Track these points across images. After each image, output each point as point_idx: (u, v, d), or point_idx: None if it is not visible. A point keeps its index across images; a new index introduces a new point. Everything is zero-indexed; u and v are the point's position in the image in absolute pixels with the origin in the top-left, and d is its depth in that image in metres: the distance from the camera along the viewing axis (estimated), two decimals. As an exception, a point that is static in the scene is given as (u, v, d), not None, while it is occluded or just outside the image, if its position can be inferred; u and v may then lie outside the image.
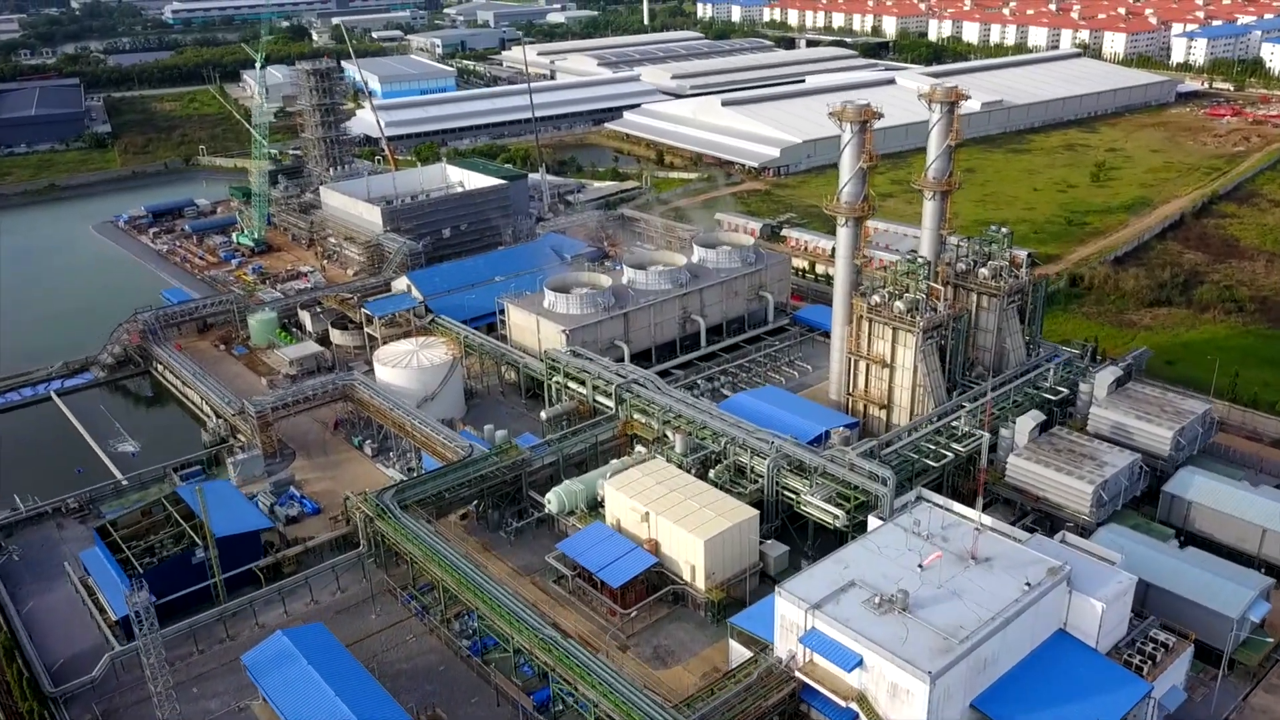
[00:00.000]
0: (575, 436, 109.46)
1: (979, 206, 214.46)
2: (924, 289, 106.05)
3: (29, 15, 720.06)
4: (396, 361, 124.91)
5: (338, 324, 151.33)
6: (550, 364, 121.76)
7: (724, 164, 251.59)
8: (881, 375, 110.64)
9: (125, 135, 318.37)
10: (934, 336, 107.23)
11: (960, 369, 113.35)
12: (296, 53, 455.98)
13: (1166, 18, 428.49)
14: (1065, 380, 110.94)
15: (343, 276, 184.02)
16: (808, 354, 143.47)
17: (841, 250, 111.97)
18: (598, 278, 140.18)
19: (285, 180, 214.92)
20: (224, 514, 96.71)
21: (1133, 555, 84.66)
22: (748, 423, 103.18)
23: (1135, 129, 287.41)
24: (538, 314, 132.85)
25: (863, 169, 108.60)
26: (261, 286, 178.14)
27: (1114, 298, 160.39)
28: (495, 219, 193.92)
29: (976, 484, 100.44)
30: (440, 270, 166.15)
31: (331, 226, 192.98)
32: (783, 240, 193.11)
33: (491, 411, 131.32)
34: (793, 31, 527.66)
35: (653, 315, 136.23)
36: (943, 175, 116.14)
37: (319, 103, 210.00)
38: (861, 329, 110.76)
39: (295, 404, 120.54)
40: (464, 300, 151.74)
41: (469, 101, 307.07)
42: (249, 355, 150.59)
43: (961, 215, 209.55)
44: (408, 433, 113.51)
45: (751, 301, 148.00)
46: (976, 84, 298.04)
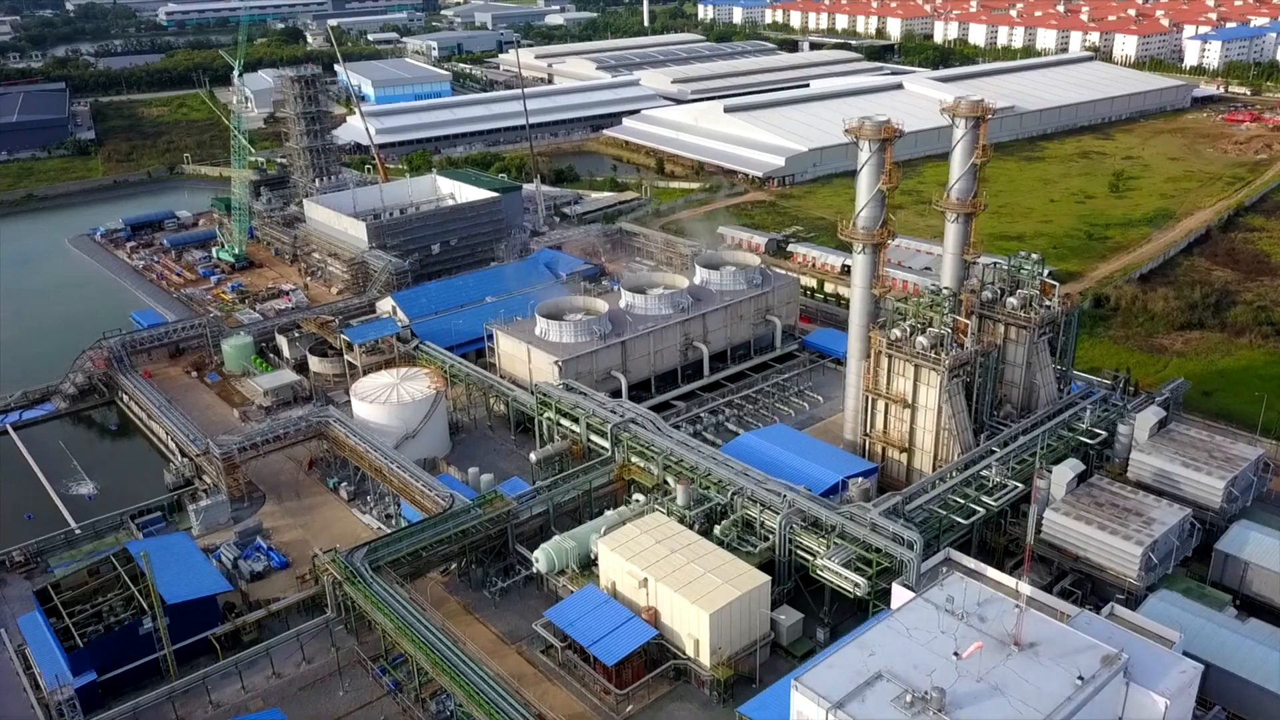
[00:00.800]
0: (567, 483, 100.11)
1: (994, 219, 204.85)
2: (949, 323, 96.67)
3: (22, 17, 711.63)
4: (375, 396, 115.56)
5: (316, 350, 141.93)
6: (541, 399, 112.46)
7: (727, 173, 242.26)
8: (902, 416, 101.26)
9: (110, 142, 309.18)
10: (960, 375, 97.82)
11: (988, 409, 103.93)
12: (289, 56, 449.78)
13: (1178, 19, 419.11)
14: (1102, 421, 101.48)
15: (327, 295, 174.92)
16: (818, 383, 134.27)
17: (858, 279, 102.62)
18: (593, 302, 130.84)
19: (268, 192, 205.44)
20: (177, 576, 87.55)
21: (1190, 630, 75.32)
22: (756, 470, 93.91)
23: (1151, 135, 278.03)
24: (528, 342, 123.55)
25: (882, 191, 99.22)
26: (240, 306, 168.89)
27: (1142, 320, 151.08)
28: (487, 234, 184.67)
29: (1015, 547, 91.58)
30: (427, 290, 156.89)
31: (315, 242, 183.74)
32: (789, 256, 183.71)
33: (478, 448, 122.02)
34: (795, 34, 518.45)
35: (652, 343, 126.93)
36: (967, 196, 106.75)
37: (303, 110, 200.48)
38: (880, 365, 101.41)
39: (265, 444, 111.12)
40: (451, 324, 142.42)
41: (463, 108, 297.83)
42: (222, 383, 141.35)
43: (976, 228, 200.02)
44: (385, 478, 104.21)
45: (758, 326, 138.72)
46: (987, 88, 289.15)
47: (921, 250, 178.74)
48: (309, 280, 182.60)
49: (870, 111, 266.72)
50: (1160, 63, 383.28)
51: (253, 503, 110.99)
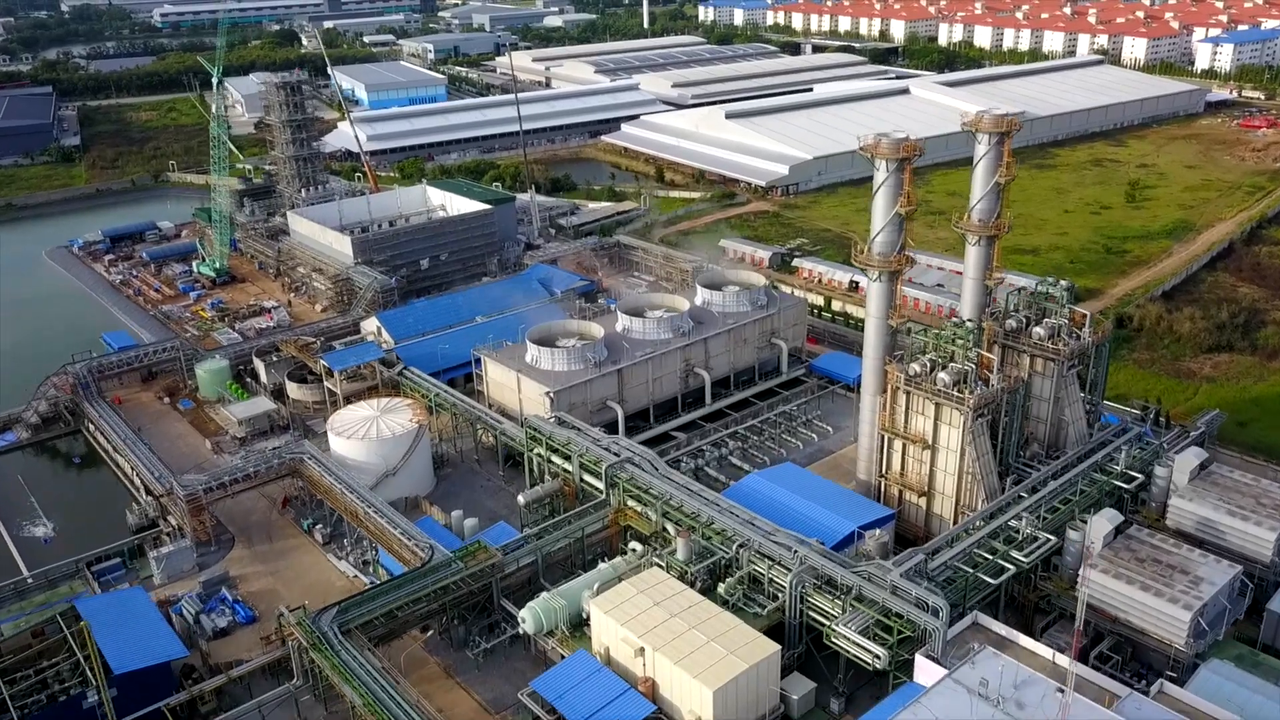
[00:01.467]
0: (558, 530, 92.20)
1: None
2: (973, 358, 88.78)
3: (16, 19, 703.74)
4: (353, 431, 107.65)
5: (295, 375, 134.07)
6: (531, 434, 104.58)
7: (728, 181, 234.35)
8: (921, 457, 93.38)
9: (95, 148, 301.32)
10: (985, 414, 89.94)
11: (1013, 449, 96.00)
12: (282, 59, 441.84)
13: (1187, 21, 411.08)
14: (1138, 462, 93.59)
15: (311, 313, 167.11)
16: (827, 411, 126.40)
17: (873, 308, 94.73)
18: (588, 327, 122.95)
19: (251, 203, 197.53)
20: (129, 639, 79.78)
21: (1249, 710, 67.69)
22: (763, 519, 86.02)
23: (1165, 142, 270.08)
24: (518, 370, 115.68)
25: (900, 215, 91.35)
26: (219, 325, 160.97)
27: (1168, 342, 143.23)
28: (479, 248, 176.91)
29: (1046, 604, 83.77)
30: (414, 310, 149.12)
31: (299, 256, 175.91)
32: (794, 271, 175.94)
33: (464, 484, 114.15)
34: (797, 36, 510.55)
35: (650, 370, 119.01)
36: (990, 217, 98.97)
37: (289, 118, 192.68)
38: (897, 402, 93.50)
39: (234, 483, 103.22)
40: (438, 347, 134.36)
41: (457, 113, 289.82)
42: (196, 410, 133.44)
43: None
44: (361, 523, 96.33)
45: (763, 349, 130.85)
46: (995, 93, 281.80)
47: (934, 265, 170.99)
48: (293, 297, 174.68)
49: (877, 117, 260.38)
50: (1170, 66, 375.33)
51: (220, 546, 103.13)
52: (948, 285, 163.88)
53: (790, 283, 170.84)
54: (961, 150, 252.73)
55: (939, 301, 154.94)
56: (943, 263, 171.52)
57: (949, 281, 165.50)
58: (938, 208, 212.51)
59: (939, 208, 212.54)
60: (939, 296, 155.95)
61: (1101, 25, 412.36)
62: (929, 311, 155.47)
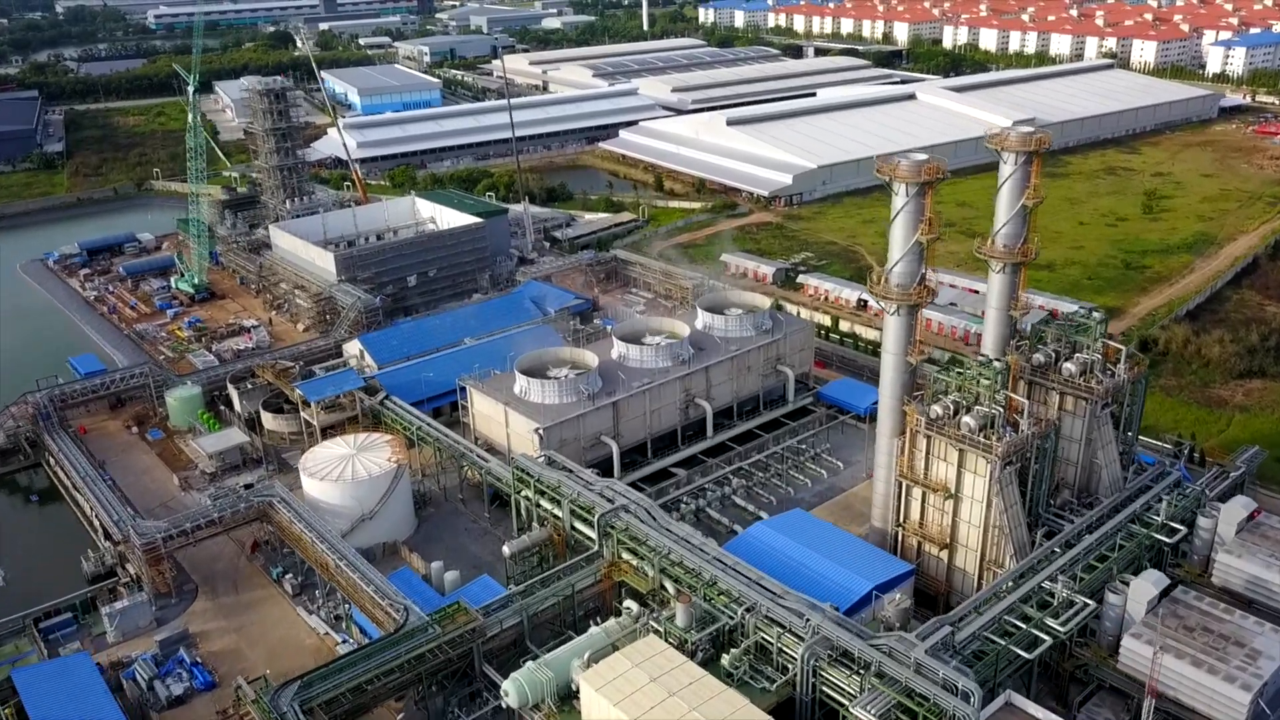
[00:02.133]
0: (546, 586, 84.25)
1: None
2: (1001, 401, 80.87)
3: (10, 20, 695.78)
4: (326, 472, 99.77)
5: (271, 404, 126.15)
6: (518, 475, 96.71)
7: (729, 191, 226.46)
8: (943, 507, 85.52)
9: (79, 154, 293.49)
10: (1014, 462, 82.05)
11: (1043, 498, 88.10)
12: (274, 61, 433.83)
13: (1197, 24, 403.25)
14: (1179, 512, 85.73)
15: (292, 333, 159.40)
16: (837, 443, 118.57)
17: (890, 344, 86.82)
18: (581, 355, 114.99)
19: (231, 215, 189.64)
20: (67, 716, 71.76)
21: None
22: (771, 580, 78.05)
23: (1180, 149, 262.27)
24: (506, 403, 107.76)
25: (920, 244, 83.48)
26: (194, 346, 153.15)
27: (1196, 367, 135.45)
28: (469, 263, 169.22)
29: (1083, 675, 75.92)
30: (399, 331, 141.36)
31: (281, 272, 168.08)
32: (799, 288, 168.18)
33: (447, 527, 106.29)
34: (799, 38, 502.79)
35: (648, 401, 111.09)
36: (1015, 242, 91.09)
37: (273, 126, 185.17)
38: (917, 446, 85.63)
39: (197, 530, 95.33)
40: (423, 374, 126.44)
41: (450, 119, 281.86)
42: (165, 441, 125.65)
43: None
44: (332, 576, 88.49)
45: (768, 377, 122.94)
46: (1003, 99, 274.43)
47: (946, 283, 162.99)
48: (274, 315, 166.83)
49: (883, 124, 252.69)
50: (1181, 69, 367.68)
51: (182, 598, 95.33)
52: (961, 304, 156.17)
53: (795, 300, 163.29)
54: (971, 158, 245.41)
55: (953, 322, 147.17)
56: (955, 280, 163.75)
57: (963, 300, 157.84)
58: (948, 219, 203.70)
59: (949, 219, 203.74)
60: (953, 317, 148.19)
61: (1109, 28, 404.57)
62: (942, 333, 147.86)
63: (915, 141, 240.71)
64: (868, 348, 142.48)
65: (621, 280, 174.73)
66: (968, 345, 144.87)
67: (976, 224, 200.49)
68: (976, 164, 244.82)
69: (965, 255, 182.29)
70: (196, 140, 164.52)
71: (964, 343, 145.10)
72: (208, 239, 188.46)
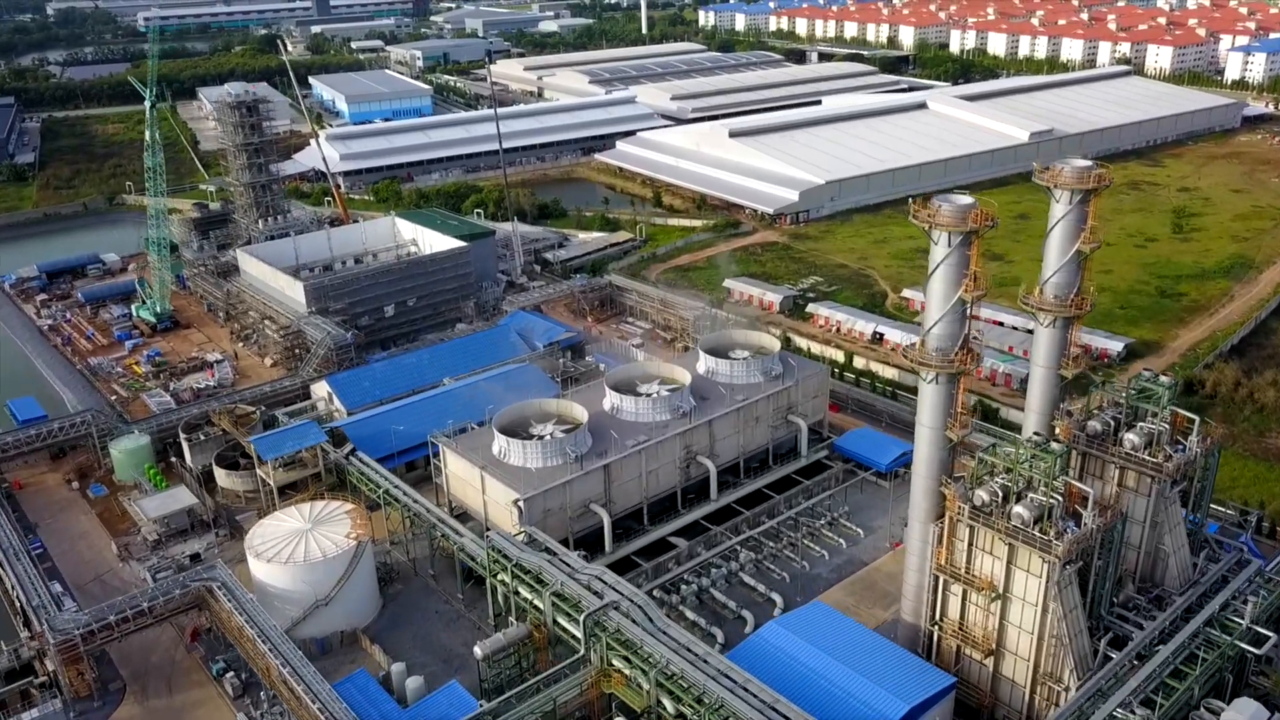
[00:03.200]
0: (523, 702, 71.63)
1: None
2: (1060, 489, 68.29)
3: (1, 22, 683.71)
4: (275, 552, 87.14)
5: (226, 458, 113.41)
6: (495, 556, 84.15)
7: (732, 207, 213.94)
8: (989, 608, 72.96)
9: (52, 165, 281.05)
10: (1076, 560, 69.47)
11: (1107, 599, 75.44)
12: (262, 66, 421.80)
13: (1212, 28, 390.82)
14: (1266, 610, 73.21)
15: (260, 368, 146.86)
16: (856, 504, 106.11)
17: (926, 416, 74.23)
18: (568, 408, 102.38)
19: (199, 237, 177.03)
20: None
21: None
22: (788, 703, 65.53)
23: (1204, 161, 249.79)
24: (483, 468, 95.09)
25: (964, 301, 70.99)
26: (151, 384, 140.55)
27: (1249, 412, 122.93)
28: (453, 290, 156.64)
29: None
30: (371, 372, 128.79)
31: (249, 300, 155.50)
32: (808, 317, 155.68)
33: (415, 607, 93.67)
34: (802, 43, 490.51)
35: (645, 462, 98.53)
36: (1068, 293, 78.86)
37: (244, 141, 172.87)
38: (957, 535, 73.09)
39: (123, 622, 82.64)
40: (393, 426, 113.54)
41: (439, 129, 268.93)
42: (108, 499, 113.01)
43: (1024, 280, 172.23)
44: (274, 684, 75.89)
45: (778, 428, 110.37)
46: (1018, 108, 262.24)
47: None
48: (241, 346, 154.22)
49: (893, 135, 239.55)
50: (1198, 76, 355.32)
51: (106, 701, 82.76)
52: (985, 337, 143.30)
53: (804, 332, 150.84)
54: (986, 171, 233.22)
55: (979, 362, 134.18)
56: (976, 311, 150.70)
57: (986, 333, 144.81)
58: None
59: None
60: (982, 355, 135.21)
61: (1123, 32, 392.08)
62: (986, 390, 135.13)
63: (928, 155, 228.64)
64: (887, 390, 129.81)
65: (617, 308, 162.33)
66: (994, 386, 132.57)
67: (996, 245, 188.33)
68: (993, 178, 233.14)
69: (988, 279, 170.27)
70: (155, 159, 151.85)
71: (990, 383, 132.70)
72: (176, 261, 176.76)
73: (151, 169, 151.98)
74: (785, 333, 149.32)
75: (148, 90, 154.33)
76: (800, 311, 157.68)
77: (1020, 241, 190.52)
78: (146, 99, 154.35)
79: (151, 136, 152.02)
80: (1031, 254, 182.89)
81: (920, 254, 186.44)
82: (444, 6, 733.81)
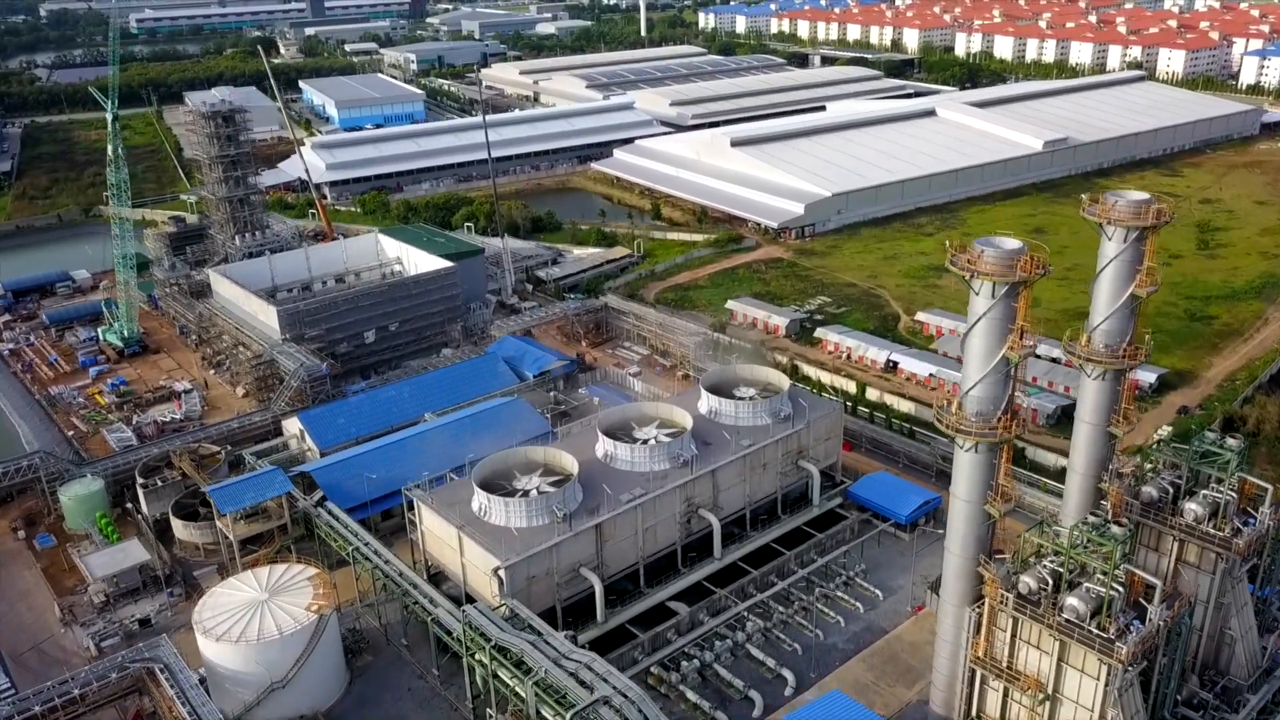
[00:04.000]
0: (500, 819, 62.36)
1: (1063, 289, 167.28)
2: (1121, 578, 58.87)
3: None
4: (226, 629, 77.59)
5: (184, 506, 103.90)
6: (472, 635, 74.70)
7: (734, 220, 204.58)
8: (1034, 708, 63.49)
9: (29, 174, 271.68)
10: (1140, 662, 60.07)
11: (1170, 699, 66.01)
12: (252, 70, 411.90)
13: (1225, 31, 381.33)
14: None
15: (230, 398, 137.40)
16: (873, 560, 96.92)
17: (962, 489, 64.91)
18: (556, 458, 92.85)
19: (169, 255, 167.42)
20: None
21: None
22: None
23: (1225, 171, 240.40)
24: (461, 527, 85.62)
25: (1009, 361, 61.57)
26: (113, 417, 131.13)
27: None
28: (439, 313, 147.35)
29: None
30: (346, 408, 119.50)
31: (221, 324, 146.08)
32: (816, 343, 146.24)
33: (385, 685, 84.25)
34: (804, 45, 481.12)
35: (641, 518, 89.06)
36: (1119, 341, 69.51)
37: (220, 153, 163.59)
38: (999, 625, 63.68)
39: (51, 713, 73.03)
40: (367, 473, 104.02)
41: (430, 137, 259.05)
42: (56, 551, 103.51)
43: (1043, 302, 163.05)
44: (217, 792, 66.49)
45: (788, 475, 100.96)
46: (1030, 115, 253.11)
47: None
48: (213, 374, 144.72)
49: (902, 145, 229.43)
50: (1211, 80, 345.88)
51: (32, 801, 73.12)
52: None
53: (812, 358, 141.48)
54: (999, 181, 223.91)
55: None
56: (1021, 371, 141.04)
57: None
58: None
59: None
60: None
61: (1133, 35, 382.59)
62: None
63: (938, 165, 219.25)
64: (904, 428, 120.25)
65: (613, 331, 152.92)
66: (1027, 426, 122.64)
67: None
68: (1006, 188, 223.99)
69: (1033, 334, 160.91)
70: (119, 175, 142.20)
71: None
72: (148, 280, 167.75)
73: (115, 185, 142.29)
74: (792, 359, 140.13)
75: (108, 101, 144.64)
76: (808, 336, 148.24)
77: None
78: (108, 110, 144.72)
79: (114, 150, 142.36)
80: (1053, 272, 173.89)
81: (932, 272, 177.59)
82: (441, 8, 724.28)
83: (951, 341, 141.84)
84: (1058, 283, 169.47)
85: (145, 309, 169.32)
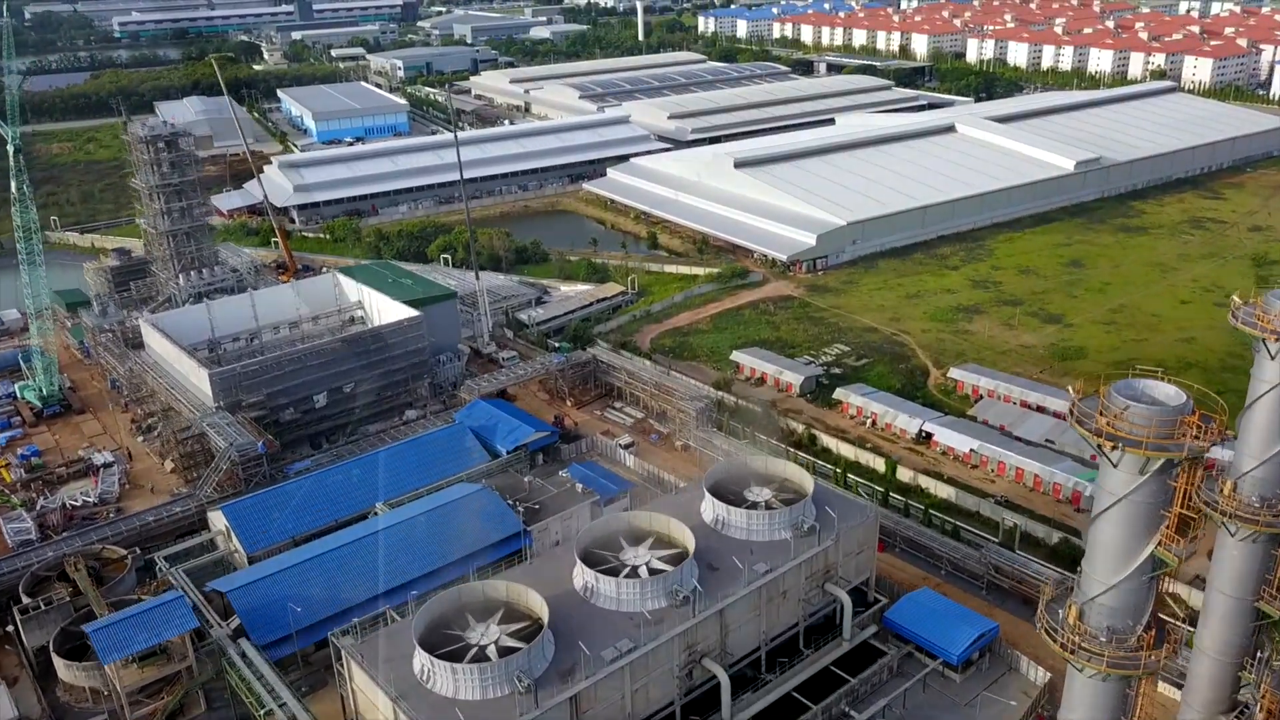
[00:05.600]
0: None
1: (1109, 332, 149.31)
2: None
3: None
4: None
5: (72, 636, 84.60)
6: None
7: (738, 251, 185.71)
8: None
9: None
10: None
11: None
12: (230, 78, 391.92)
13: (1251, 37, 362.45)
14: None
15: (157, 474, 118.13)
16: (916, 708, 77.80)
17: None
18: (520, 594, 73.61)
19: (108, 295, 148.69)
20: None
21: None
22: None
23: (1271, 193, 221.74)
24: (396, 699, 66.47)
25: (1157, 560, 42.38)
26: (15, 499, 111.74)
27: None
28: (402, 369, 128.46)
29: None
30: (285, 497, 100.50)
31: (151, 383, 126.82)
32: (835, 404, 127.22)
33: None
34: (809, 52, 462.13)
35: (629, 679, 69.97)
36: (1276, 492, 50.36)
37: (161, 183, 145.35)
38: None
39: None
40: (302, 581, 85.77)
41: (406, 155, 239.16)
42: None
43: (1088, 347, 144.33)
44: None
45: (812, 602, 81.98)
46: (1056, 131, 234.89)
47: (1032, 403, 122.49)
48: (142, 441, 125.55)
49: (921, 165, 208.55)
50: (1240, 90, 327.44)
51: None
52: (1061, 441, 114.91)
53: (831, 425, 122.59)
54: (1027, 205, 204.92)
55: (1054, 475, 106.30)
56: (1044, 397, 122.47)
57: (1062, 433, 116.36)
58: (1010, 294, 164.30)
59: (1012, 294, 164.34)
60: (1054, 467, 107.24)
61: (1155, 42, 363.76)
62: (1039, 488, 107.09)
63: (962, 188, 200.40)
64: (946, 525, 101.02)
65: (602, 387, 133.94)
66: (1080, 511, 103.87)
67: (1051, 302, 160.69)
68: (1035, 213, 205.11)
69: (1046, 350, 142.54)
70: (27, 216, 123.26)
71: (1074, 507, 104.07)
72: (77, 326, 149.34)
73: (21, 228, 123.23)
74: (808, 426, 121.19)
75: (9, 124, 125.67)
76: (825, 396, 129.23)
77: (1077, 297, 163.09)
78: (9, 138, 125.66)
79: (19, 188, 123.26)
80: (1093, 314, 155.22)
81: (961, 314, 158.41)
82: (433, 11, 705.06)
83: (992, 406, 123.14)
84: (1104, 326, 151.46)
85: (78, 357, 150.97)
